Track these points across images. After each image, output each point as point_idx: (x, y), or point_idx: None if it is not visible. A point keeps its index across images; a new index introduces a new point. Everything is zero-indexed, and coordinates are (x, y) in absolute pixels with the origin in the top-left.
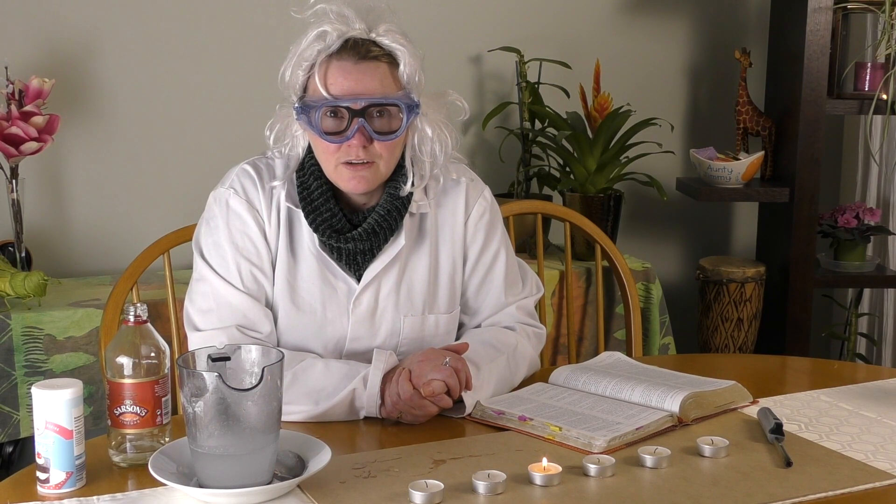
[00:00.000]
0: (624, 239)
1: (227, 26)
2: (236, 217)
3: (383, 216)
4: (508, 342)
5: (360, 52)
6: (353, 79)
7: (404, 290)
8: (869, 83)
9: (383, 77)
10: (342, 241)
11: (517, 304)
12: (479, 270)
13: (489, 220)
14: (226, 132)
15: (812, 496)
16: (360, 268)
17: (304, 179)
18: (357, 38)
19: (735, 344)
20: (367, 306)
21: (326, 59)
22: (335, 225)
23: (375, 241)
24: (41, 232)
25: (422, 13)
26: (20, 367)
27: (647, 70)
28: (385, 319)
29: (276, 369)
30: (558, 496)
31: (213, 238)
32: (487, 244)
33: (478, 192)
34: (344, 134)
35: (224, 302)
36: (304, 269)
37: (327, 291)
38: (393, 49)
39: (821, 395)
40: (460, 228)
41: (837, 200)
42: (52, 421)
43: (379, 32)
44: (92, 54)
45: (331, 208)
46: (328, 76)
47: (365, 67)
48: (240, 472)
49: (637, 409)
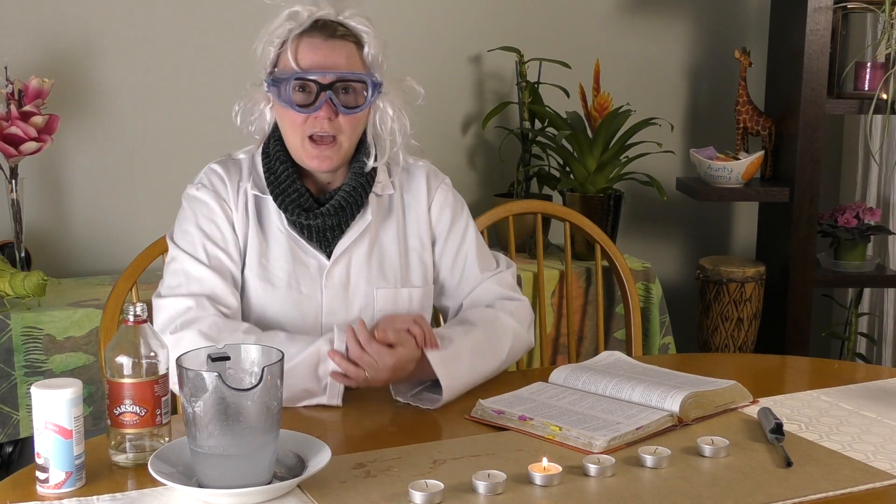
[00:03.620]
0: (624, 239)
1: (227, 26)
2: (203, 206)
3: (349, 192)
4: (486, 317)
5: (328, 31)
6: (322, 54)
7: (375, 263)
8: (869, 83)
9: (350, 55)
10: (311, 219)
11: (496, 278)
12: (449, 248)
13: (452, 202)
14: (225, 132)
15: (812, 496)
16: (331, 244)
17: (270, 164)
18: (326, 19)
19: (735, 344)
20: (339, 280)
21: (297, 37)
22: (303, 204)
23: (343, 216)
24: (41, 232)
25: (422, 13)
26: (20, 367)
27: (647, 70)
28: (358, 293)
29: (276, 369)
30: (558, 496)
31: (182, 227)
32: (455, 223)
33: (438, 179)
34: (312, 105)
35: (192, 277)
36: (275, 249)
37: (300, 269)
38: (359, 31)
39: (821, 395)
40: (424, 212)
41: (837, 200)
42: (51, 421)
43: (346, 15)
44: (92, 54)
45: (298, 188)
46: (298, 51)
47: (333, 44)
48: (240, 472)
49: (637, 408)
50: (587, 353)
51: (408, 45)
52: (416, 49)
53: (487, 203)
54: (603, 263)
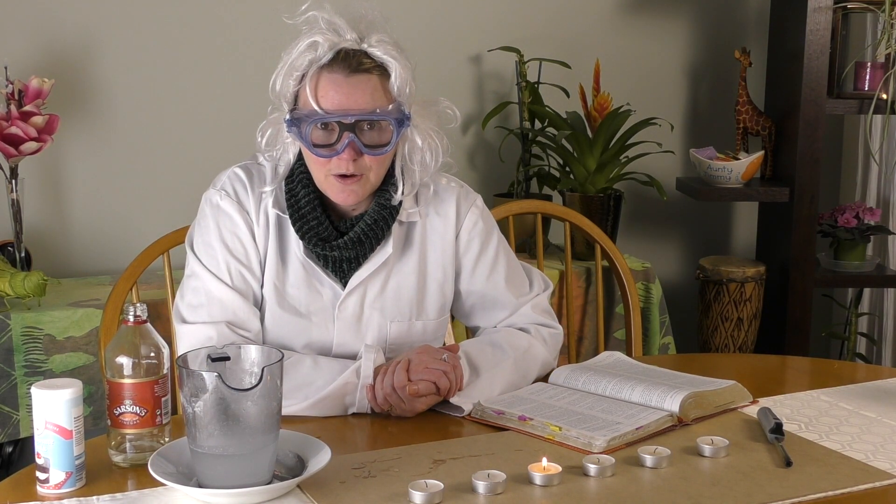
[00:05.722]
0: (624, 239)
1: (227, 27)
2: (226, 217)
3: (370, 225)
4: (519, 345)
5: (351, 65)
6: (344, 93)
7: (390, 295)
8: (869, 83)
9: (374, 90)
10: (328, 250)
11: (531, 302)
12: (478, 277)
13: (483, 228)
14: (225, 132)
15: (812, 496)
16: (346, 275)
17: (293, 187)
18: (348, 50)
19: (735, 344)
20: (352, 312)
21: (318, 71)
22: (322, 233)
23: (361, 249)
24: (41, 232)
25: (422, 13)
26: (20, 367)
27: (647, 70)
28: (371, 325)
29: (276, 369)
30: (558, 496)
31: (204, 238)
32: (484, 251)
33: (469, 202)
34: (334, 147)
35: (214, 298)
36: (291, 274)
37: (313, 297)
38: (384, 61)
39: (821, 395)
40: (451, 239)
41: (837, 200)
42: (51, 421)
43: (371, 43)
44: (92, 54)
45: (317, 216)
46: (319, 89)
47: (356, 81)
48: (240, 472)
49: (637, 408)
50: (587, 353)
51: (408, 46)
52: (416, 49)
53: (487, 203)
54: (603, 263)
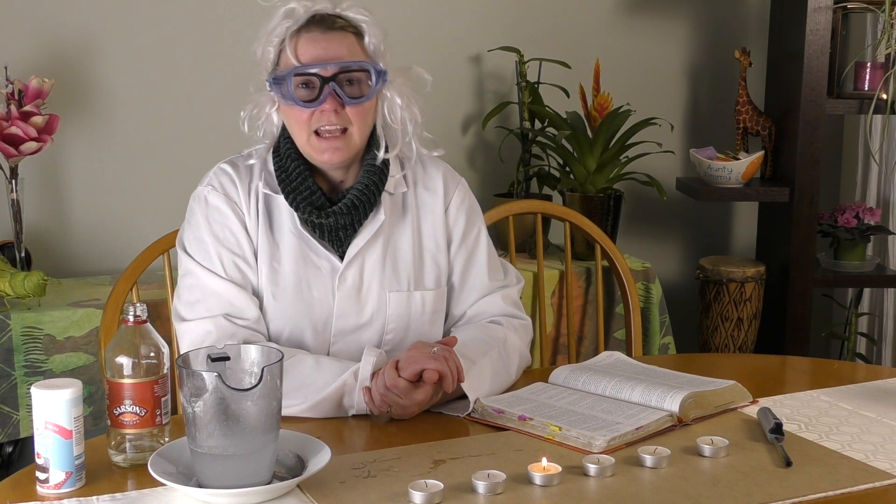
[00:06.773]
0: (624, 239)
1: (227, 27)
2: (215, 211)
3: (362, 190)
4: (497, 335)
5: (326, 24)
6: (322, 46)
7: (389, 265)
8: (869, 83)
9: (350, 45)
10: (323, 217)
11: (502, 293)
12: (462, 251)
13: (469, 205)
14: (225, 133)
15: (812, 496)
16: (343, 245)
17: (281, 162)
18: (323, 13)
19: (735, 344)
20: (352, 283)
21: (295, 33)
22: (315, 202)
23: (356, 215)
24: (41, 232)
25: (422, 13)
26: (20, 367)
27: (647, 70)
28: (371, 296)
29: (276, 369)
30: (558, 496)
31: (195, 234)
32: (470, 226)
33: (456, 180)
34: (317, 100)
35: (210, 291)
36: (285, 251)
37: (311, 271)
38: (358, 21)
39: (821, 395)
40: (440, 212)
41: (837, 200)
42: (51, 421)
43: (343, 7)
44: (91, 54)
45: (309, 186)
46: (298, 47)
47: (332, 36)
48: (240, 472)
49: (637, 408)
50: (587, 353)
51: (408, 45)
52: (416, 49)
53: (487, 203)
54: (603, 263)
